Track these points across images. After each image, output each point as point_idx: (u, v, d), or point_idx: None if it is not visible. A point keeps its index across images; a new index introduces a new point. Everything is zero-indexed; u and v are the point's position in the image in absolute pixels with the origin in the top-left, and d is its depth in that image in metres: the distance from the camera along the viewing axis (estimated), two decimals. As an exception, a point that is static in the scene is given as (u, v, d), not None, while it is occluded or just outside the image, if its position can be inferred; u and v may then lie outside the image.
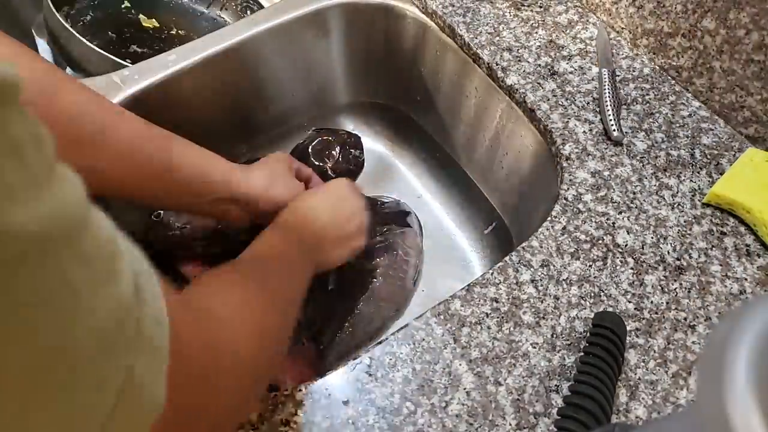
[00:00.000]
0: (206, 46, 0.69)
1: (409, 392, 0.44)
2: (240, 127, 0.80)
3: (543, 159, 0.64)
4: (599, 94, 0.63)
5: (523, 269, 0.51)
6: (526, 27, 0.71)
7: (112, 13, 0.86)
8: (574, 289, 0.50)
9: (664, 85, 0.65)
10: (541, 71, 0.66)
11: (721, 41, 0.59)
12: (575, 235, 0.53)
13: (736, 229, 0.55)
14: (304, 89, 0.83)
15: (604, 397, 0.42)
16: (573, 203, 0.56)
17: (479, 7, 0.72)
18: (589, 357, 0.44)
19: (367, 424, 0.43)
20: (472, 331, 0.47)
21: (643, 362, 0.46)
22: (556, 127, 0.61)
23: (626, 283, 0.51)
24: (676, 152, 0.60)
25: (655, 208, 0.55)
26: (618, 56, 0.68)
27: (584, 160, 0.59)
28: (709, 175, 0.58)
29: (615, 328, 0.45)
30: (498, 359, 0.46)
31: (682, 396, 0.45)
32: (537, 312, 0.49)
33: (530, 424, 0.43)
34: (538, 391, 0.45)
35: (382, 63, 0.84)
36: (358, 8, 0.78)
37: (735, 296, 0.50)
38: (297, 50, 0.77)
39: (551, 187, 0.60)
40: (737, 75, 0.59)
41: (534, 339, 0.47)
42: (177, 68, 0.67)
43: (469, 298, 0.49)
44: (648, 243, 0.53)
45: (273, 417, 0.43)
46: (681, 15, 0.62)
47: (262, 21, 0.72)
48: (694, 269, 0.52)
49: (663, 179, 0.58)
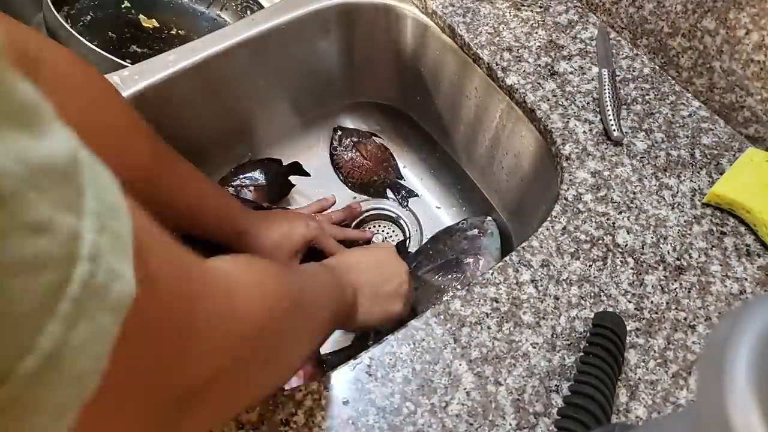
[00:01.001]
0: (206, 46, 0.69)
1: (409, 392, 0.44)
2: (240, 127, 0.80)
3: (543, 159, 0.64)
4: (599, 94, 0.63)
5: (523, 269, 0.51)
6: (526, 27, 0.71)
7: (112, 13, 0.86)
8: (574, 289, 0.50)
9: (664, 85, 0.65)
10: (541, 71, 0.66)
11: (721, 41, 0.59)
12: (575, 235, 0.53)
13: (736, 229, 0.55)
14: (304, 89, 0.83)
15: (604, 397, 0.42)
16: (573, 203, 0.56)
17: (479, 7, 0.72)
18: (589, 357, 0.44)
19: (367, 424, 0.43)
20: (472, 331, 0.47)
21: (643, 362, 0.46)
22: (556, 127, 0.61)
23: (626, 283, 0.51)
24: (676, 152, 0.60)
25: (655, 208, 0.55)
26: (618, 56, 0.68)
27: (584, 160, 0.59)
28: (709, 175, 0.58)
29: (615, 328, 0.45)
30: (498, 359, 0.46)
31: (682, 396, 0.45)
32: (537, 312, 0.49)
33: (530, 424, 0.43)
34: (538, 391, 0.45)
35: (382, 63, 0.84)
36: (358, 8, 0.78)
37: (735, 296, 0.50)
38: (297, 50, 0.77)
39: (551, 187, 0.60)
40: (737, 75, 0.59)
41: (534, 339, 0.47)
42: (177, 68, 0.67)
43: (469, 298, 0.49)
44: (648, 243, 0.53)
45: (273, 417, 0.43)
46: (681, 15, 0.62)
47: (262, 21, 0.72)
48: (694, 269, 0.52)
49: (663, 179, 0.58)
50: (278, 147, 0.84)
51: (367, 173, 0.84)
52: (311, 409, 0.44)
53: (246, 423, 0.43)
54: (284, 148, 0.84)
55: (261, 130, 0.82)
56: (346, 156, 0.84)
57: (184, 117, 0.71)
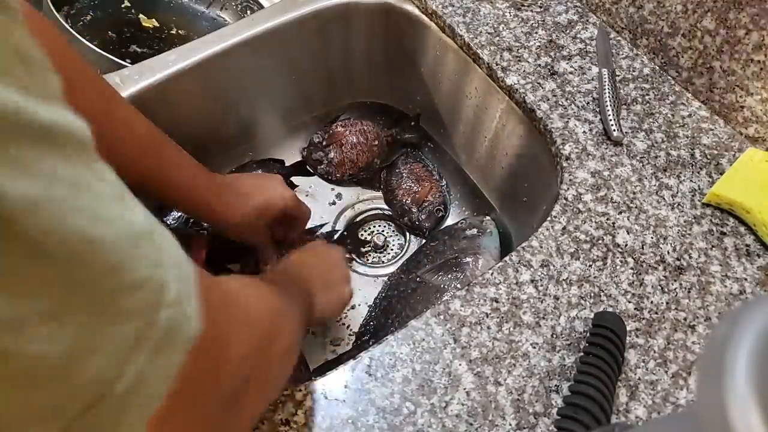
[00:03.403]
0: (206, 46, 0.69)
1: (409, 392, 0.44)
2: (240, 127, 0.80)
3: (543, 159, 0.64)
4: (599, 94, 0.63)
5: (523, 269, 0.51)
6: (526, 27, 0.71)
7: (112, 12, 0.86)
8: (574, 289, 0.50)
9: (664, 85, 0.65)
10: (541, 71, 0.66)
11: (721, 41, 0.59)
12: (575, 235, 0.53)
13: (736, 229, 0.55)
14: (304, 89, 0.83)
15: (604, 397, 0.42)
16: (573, 203, 0.56)
17: (479, 7, 0.72)
18: (589, 357, 0.44)
19: (367, 424, 0.43)
20: (472, 331, 0.47)
21: (643, 362, 0.46)
22: (556, 127, 0.61)
23: (626, 283, 0.51)
24: (676, 152, 0.60)
25: (655, 208, 0.55)
26: (618, 56, 0.68)
27: (584, 160, 0.59)
28: (709, 175, 0.58)
29: (615, 328, 0.45)
30: (498, 359, 0.46)
31: (682, 396, 0.45)
32: (537, 312, 0.49)
33: (530, 424, 0.43)
34: (538, 391, 0.45)
35: (382, 63, 0.84)
36: (358, 8, 0.78)
37: (735, 296, 0.50)
38: (297, 50, 0.77)
39: (551, 187, 0.60)
40: (737, 75, 0.59)
41: (534, 339, 0.47)
42: (177, 68, 0.67)
43: (469, 298, 0.49)
44: (648, 243, 0.53)
45: (273, 417, 0.43)
46: (681, 15, 0.62)
47: (262, 21, 0.72)
48: (694, 269, 0.52)
49: (663, 179, 0.58)
50: (279, 147, 0.84)
51: (364, 155, 0.81)
52: (311, 409, 0.44)
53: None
54: (285, 147, 0.84)
55: (261, 129, 0.82)
56: (352, 139, 0.82)
57: (184, 117, 0.71)
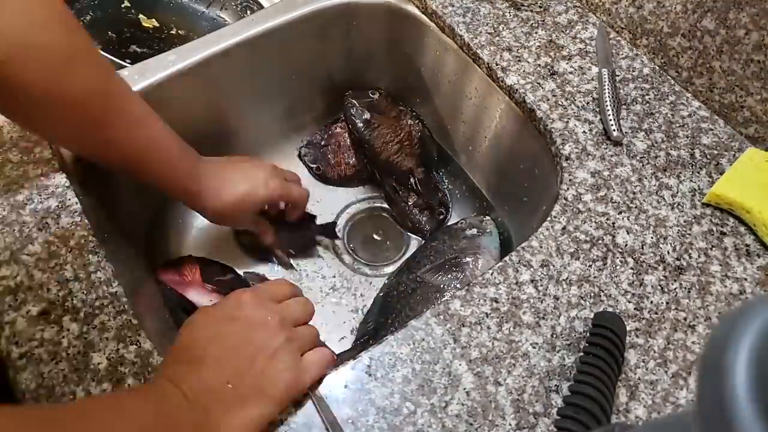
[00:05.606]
0: (206, 46, 0.69)
1: (409, 392, 0.44)
2: (240, 127, 0.80)
3: (543, 159, 0.64)
4: (599, 94, 0.63)
5: (523, 269, 0.51)
6: (525, 27, 0.71)
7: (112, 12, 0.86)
8: (574, 289, 0.50)
9: (664, 85, 0.65)
10: (541, 71, 0.66)
11: (721, 41, 0.59)
12: (575, 235, 0.53)
13: (736, 229, 0.55)
14: (304, 89, 0.83)
15: (604, 397, 0.42)
16: (573, 203, 0.56)
17: (479, 7, 0.72)
18: (589, 357, 0.44)
19: (367, 424, 0.43)
20: (472, 331, 0.47)
21: (643, 362, 0.46)
22: (556, 127, 0.61)
23: (626, 283, 0.51)
24: (676, 152, 0.60)
25: (655, 208, 0.55)
26: (618, 56, 0.68)
27: (584, 160, 0.59)
28: (709, 175, 0.58)
29: (615, 328, 0.45)
30: (498, 359, 0.46)
31: (682, 396, 0.45)
32: (537, 312, 0.49)
33: (530, 424, 0.43)
34: (538, 391, 0.45)
35: (382, 63, 0.84)
36: (358, 8, 0.78)
37: (735, 296, 0.50)
38: (297, 50, 0.77)
39: (551, 187, 0.60)
40: (737, 75, 0.59)
41: (534, 339, 0.47)
42: (177, 68, 0.67)
43: (468, 298, 0.49)
44: (648, 243, 0.53)
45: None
46: (681, 15, 0.62)
47: (262, 21, 0.72)
48: (694, 269, 0.52)
49: (663, 179, 0.58)
50: (279, 146, 0.84)
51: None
52: (311, 410, 0.44)
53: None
54: (284, 147, 0.84)
55: (262, 129, 0.82)
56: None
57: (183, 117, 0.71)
